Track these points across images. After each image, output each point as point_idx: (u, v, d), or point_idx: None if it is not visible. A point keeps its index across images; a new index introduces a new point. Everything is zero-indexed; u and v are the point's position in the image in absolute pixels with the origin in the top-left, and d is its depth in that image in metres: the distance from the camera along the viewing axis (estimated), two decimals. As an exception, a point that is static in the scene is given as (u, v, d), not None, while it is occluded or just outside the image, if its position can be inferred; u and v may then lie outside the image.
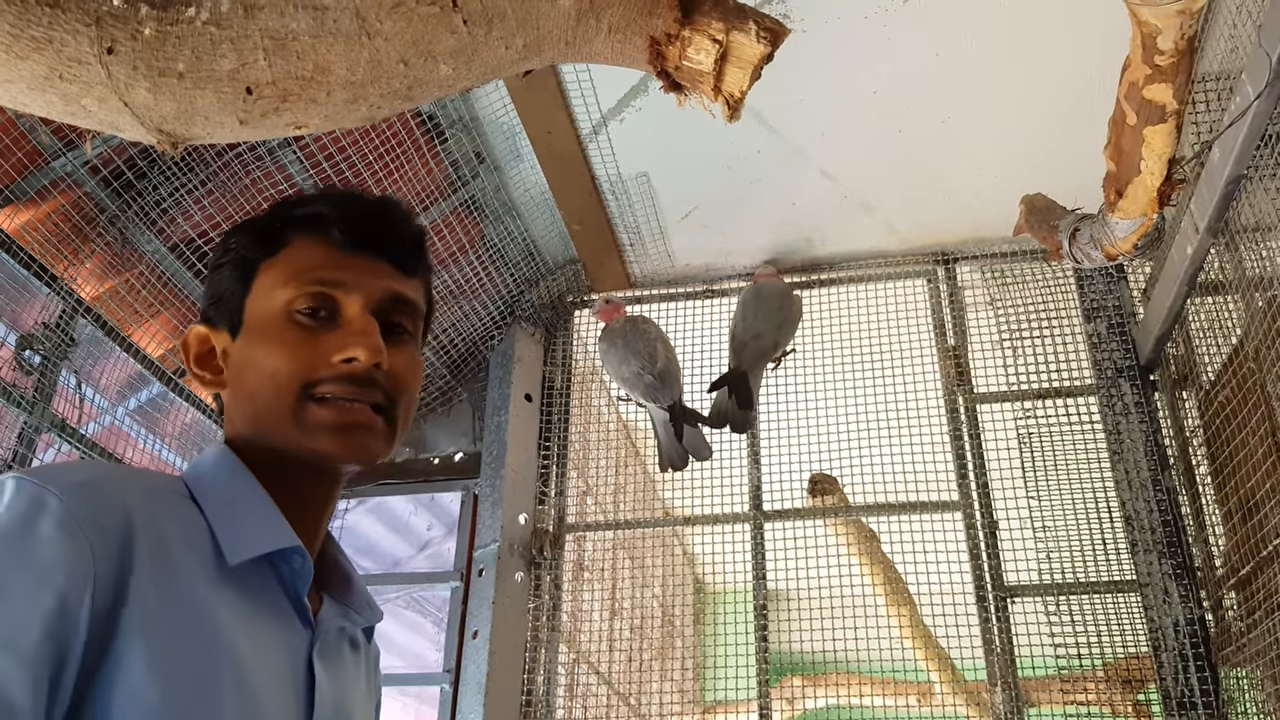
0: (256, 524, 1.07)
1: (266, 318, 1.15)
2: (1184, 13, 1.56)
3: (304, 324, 1.14)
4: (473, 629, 3.80)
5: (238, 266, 1.18)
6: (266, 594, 1.06)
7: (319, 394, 1.12)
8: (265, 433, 1.13)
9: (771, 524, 3.95)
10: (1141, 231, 2.34)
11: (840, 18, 3.15)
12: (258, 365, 1.13)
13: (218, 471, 1.11)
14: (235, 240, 1.20)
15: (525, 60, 1.20)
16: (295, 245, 1.17)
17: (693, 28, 1.14)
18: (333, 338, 1.13)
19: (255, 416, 1.14)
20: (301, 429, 1.11)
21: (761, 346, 3.90)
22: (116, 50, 1.09)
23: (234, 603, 1.01)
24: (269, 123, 1.16)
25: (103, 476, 0.99)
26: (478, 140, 3.68)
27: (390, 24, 1.10)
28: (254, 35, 1.09)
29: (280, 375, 1.11)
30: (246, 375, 1.14)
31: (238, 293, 1.17)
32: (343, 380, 1.12)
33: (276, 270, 1.16)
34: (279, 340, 1.13)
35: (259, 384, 1.13)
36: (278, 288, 1.15)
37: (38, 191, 2.74)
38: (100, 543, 0.91)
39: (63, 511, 0.90)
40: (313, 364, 1.12)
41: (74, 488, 0.93)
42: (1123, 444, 3.69)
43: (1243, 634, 3.07)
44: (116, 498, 0.96)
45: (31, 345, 2.70)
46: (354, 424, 1.12)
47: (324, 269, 1.16)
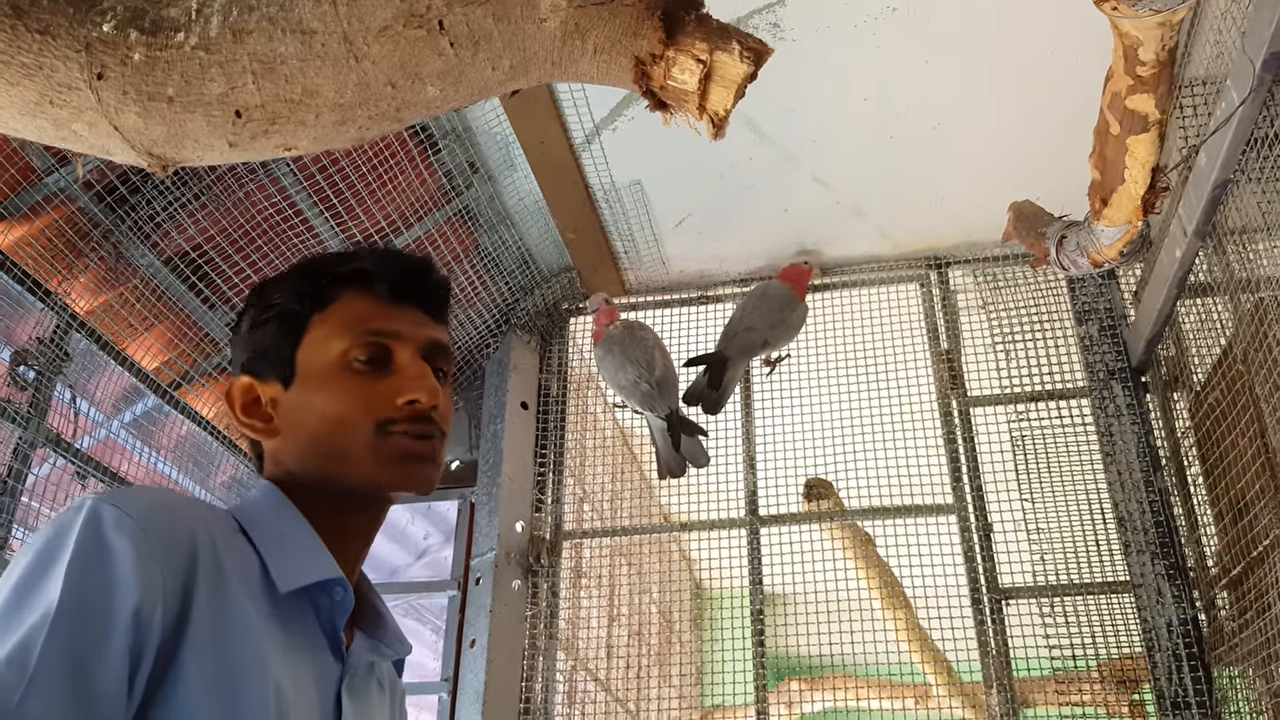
0: (304, 555, 1.16)
1: (324, 367, 1.24)
2: (1164, 24, 1.57)
3: (362, 371, 1.24)
4: (470, 638, 3.80)
5: (284, 321, 1.27)
6: (304, 626, 1.14)
7: (392, 430, 1.22)
8: (327, 470, 1.22)
9: (768, 529, 3.96)
10: (1127, 239, 2.35)
11: (830, 26, 3.17)
12: (320, 410, 1.22)
13: (267, 507, 1.20)
14: (276, 297, 1.29)
15: (512, 81, 1.21)
16: (344, 300, 1.27)
17: (677, 48, 1.15)
18: (392, 382, 1.24)
19: (316, 456, 1.22)
20: (378, 461, 1.21)
21: (750, 340, 3.91)
22: (106, 75, 1.10)
23: (277, 633, 1.08)
24: (258, 145, 1.17)
25: (172, 503, 1.07)
26: (471, 150, 3.69)
27: (377, 47, 1.11)
28: (242, 59, 1.11)
29: (348, 417, 1.21)
30: (306, 420, 1.23)
31: (287, 345, 1.26)
32: (409, 419, 1.23)
33: (329, 324, 1.26)
34: (341, 387, 1.23)
35: (323, 427, 1.22)
36: (333, 339, 1.24)
37: (31, 207, 2.75)
38: (168, 564, 1.00)
39: (136, 531, 0.98)
40: (379, 406, 1.22)
41: (146, 511, 1.02)
42: (1115, 446, 3.70)
43: (1235, 634, 3.08)
44: (183, 524, 1.05)
45: (26, 361, 2.70)
46: (421, 455, 1.23)
47: (376, 320, 1.26)
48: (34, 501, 2.74)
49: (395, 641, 1.28)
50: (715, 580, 5.89)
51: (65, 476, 2.88)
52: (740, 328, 3.94)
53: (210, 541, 1.06)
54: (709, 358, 3.85)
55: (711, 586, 6.05)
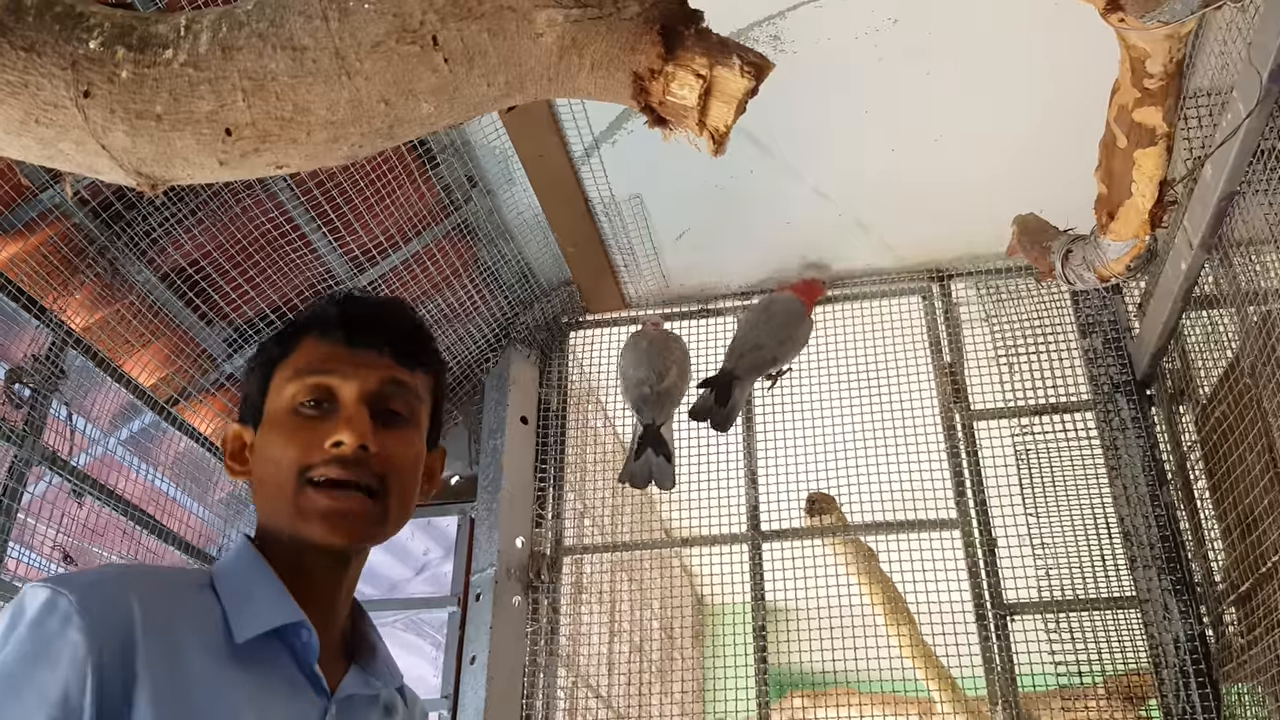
0: (263, 603, 1.17)
1: (277, 412, 1.27)
2: (1172, 37, 1.55)
3: (307, 415, 1.25)
4: (470, 654, 3.78)
5: (260, 368, 1.32)
6: (279, 668, 1.16)
7: (314, 477, 1.22)
8: (275, 518, 1.24)
9: (770, 544, 3.93)
10: (1134, 253, 2.33)
11: (831, 38, 3.15)
12: (268, 455, 1.25)
13: (236, 562, 1.23)
14: (261, 349, 1.35)
15: (508, 97, 1.19)
16: (304, 345, 1.29)
17: (676, 63, 1.12)
18: (327, 425, 1.24)
19: (268, 503, 1.25)
20: (299, 514, 1.22)
21: (759, 359, 3.89)
22: (93, 93, 1.08)
23: (243, 678, 1.11)
24: (249, 163, 1.15)
25: (111, 576, 1.12)
26: (469, 164, 3.67)
27: (370, 64, 1.08)
28: (232, 76, 1.08)
29: (283, 463, 1.23)
30: (261, 465, 1.26)
31: (258, 393, 1.30)
32: (332, 463, 1.22)
33: (287, 368, 1.28)
34: (283, 431, 1.25)
35: (269, 473, 1.25)
36: (286, 383, 1.27)
37: (25, 224, 2.73)
38: (104, 631, 1.02)
39: (68, 608, 1.02)
40: (309, 450, 1.22)
41: (84, 587, 1.05)
42: (1120, 459, 3.67)
43: (1244, 650, 3.05)
44: (118, 594, 1.07)
45: (21, 378, 2.68)
46: (343, 511, 1.22)
47: (323, 361, 1.27)
48: (30, 519, 2.72)
49: (385, 674, 1.30)
50: (717, 595, 5.86)
51: (61, 494, 2.86)
52: (748, 346, 3.91)
53: (153, 603, 1.09)
54: (717, 380, 3.83)
55: (713, 601, 6.01)
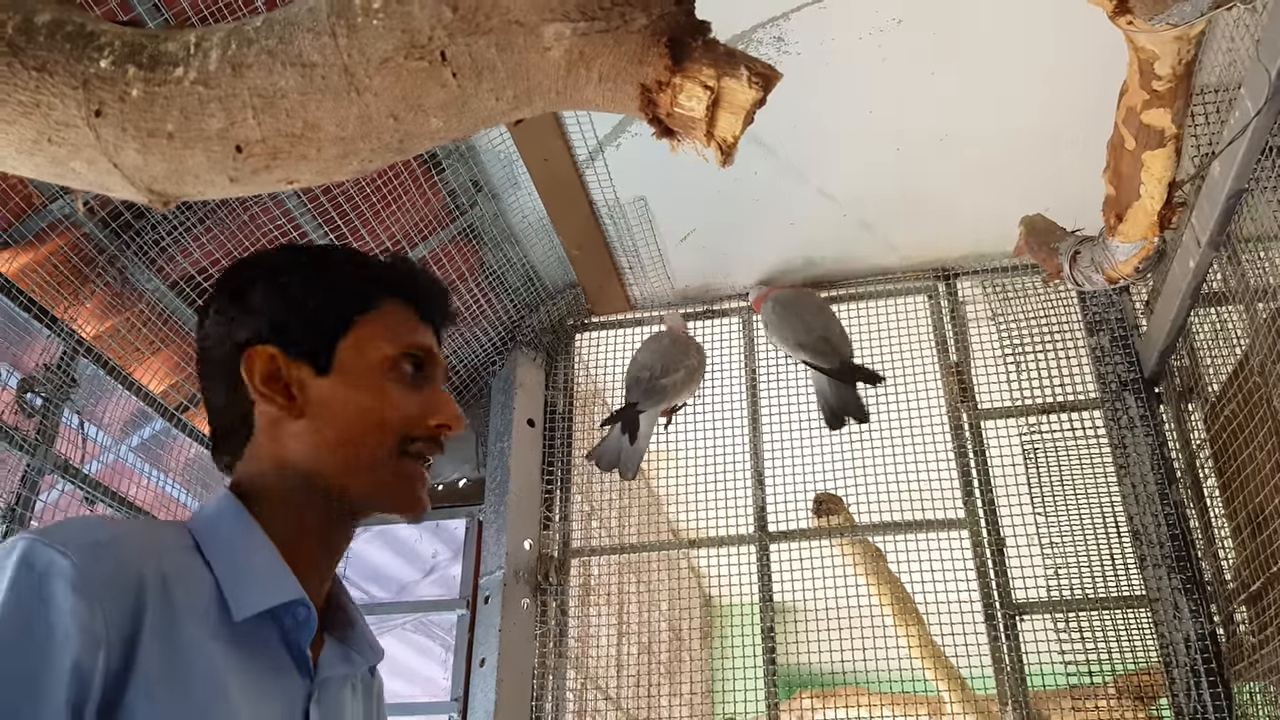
0: (262, 578, 1.09)
1: (368, 368, 1.21)
2: (1181, 39, 1.55)
3: (404, 380, 1.22)
4: (480, 657, 3.78)
5: (330, 312, 1.22)
6: (267, 647, 1.09)
7: (413, 450, 1.20)
8: (337, 471, 1.18)
9: (777, 545, 3.93)
10: (1143, 255, 2.33)
11: (835, 39, 3.15)
12: (359, 407, 1.19)
13: (225, 524, 1.14)
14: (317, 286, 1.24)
15: (516, 110, 1.19)
16: (388, 308, 1.25)
17: (683, 75, 1.12)
18: (426, 399, 1.23)
19: (336, 454, 1.18)
20: (393, 475, 1.19)
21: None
22: (105, 112, 1.08)
23: (236, 659, 1.03)
24: (260, 179, 1.15)
25: (115, 537, 1.01)
26: (475, 169, 3.68)
27: (379, 80, 1.09)
28: (242, 94, 1.09)
29: (387, 422, 1.19)
30: (341, 414, 1.19)
31: (329, 335, 1.21)
32: (432, 441, 1.22)
33: (375, 325, 1.23)
34: (384, 390, 1.20)
35: (359, 426, 1.19)
36: (379, 340, 1.22)
37: (36, 234, 2.74)
38: (113, 606, 0.93)
39: (75, 575, 0.92)
40: (413, 419, 1.20)
41: (87, 549, 0.95)
42: (1129, 458, 3.67)
43: (1255, 649, 3.05)
44: (129, 560, 0.98)
45: (33, 387, 2.69)
46: (424, 481, 1.23)
47: (418, 335, 1.26)
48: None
49: (367, 649, 1.25)
50: (725, 595, 5.86)
51: (74, 502, 2.87)
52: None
53: (159, 576, 1.00)
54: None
55: (721, 601, 6.02)
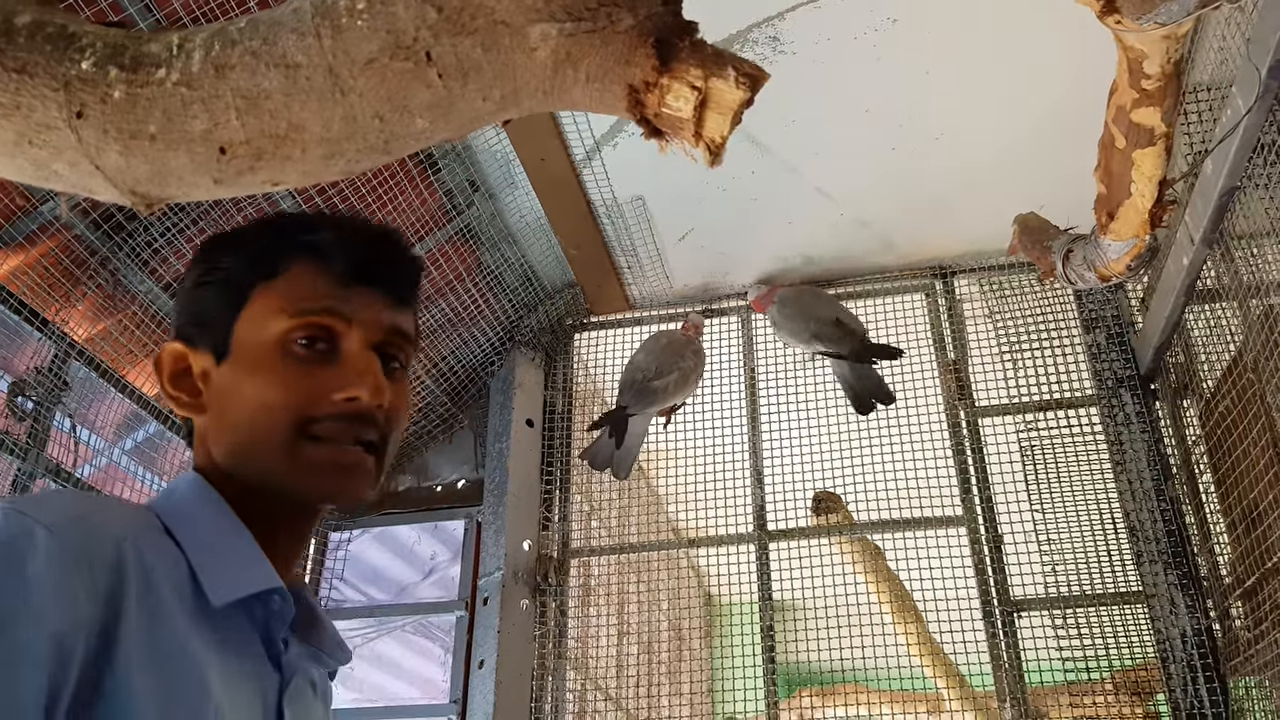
0: (238, 563, 1.03)
1: (260, 346, 1.10)
2: (1169, 38, 1.54)
3: (301, 356, 1.10)
4: (478, 658, 3.78)
5: (227, 287, 1.13)
6: (240, 635, 1.02)
7: (315, 432, 1.08)
8: (249, 465, 1.09)
9: (776, 543, 3.93)
10: (1134, 253, 2.32)
11: (830, 38, 3.14)
12: (248, 396, 1.09)
13: (195, 506, 1.06)
14: (223, 258, 1.16)
15: (503, 111, 1.19)
16: (294, 271, 1.13)
17: (671, 75, 1.12)
18: (332, 373, 1.10)
19: (239, 447, 1.09)
20: (294, 466, 1.07)
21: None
22: (86, 114, 1.08)
23: (212, 646, 0.97)
24: (244, 181, 1.14)
25: (93, 510, 0.95)
26: (471, 169, 3.67)
27: (364, 80, 1.08)
28: (225, 95, 1.08)
29: (276, 409, 1.07)
30: (233, 404, 1.10)
31: (226, 315, 1.12)
32: (341, 419, 1.09)
33: (273, 296, 1.12)
34: (274, 372, 1.09)
35: (248, 415, 1.08)
36: (273, 315, 1.10)
37: (26, 236, 2.73)
38: (93, 582, 0.87)
39: (57, 549, 0.86)
40: (311, 399, 1.08)
41: (65, 522, 0.89)
42: (1125, 454, 3.67)
43: (1251, 644, 3.05)
44: (108, 535, 0.92)
45: (24, 391, 2.68)
46: (347, 465, 1.09)
47: (324, 299, 1.12)
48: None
49: (336, 649, 1.17)
50: (725, 593, 5.86)
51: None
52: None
53: (138, 554, 0.93)
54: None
55: (721, 600, 6.02)
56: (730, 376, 4.30)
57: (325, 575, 4.25)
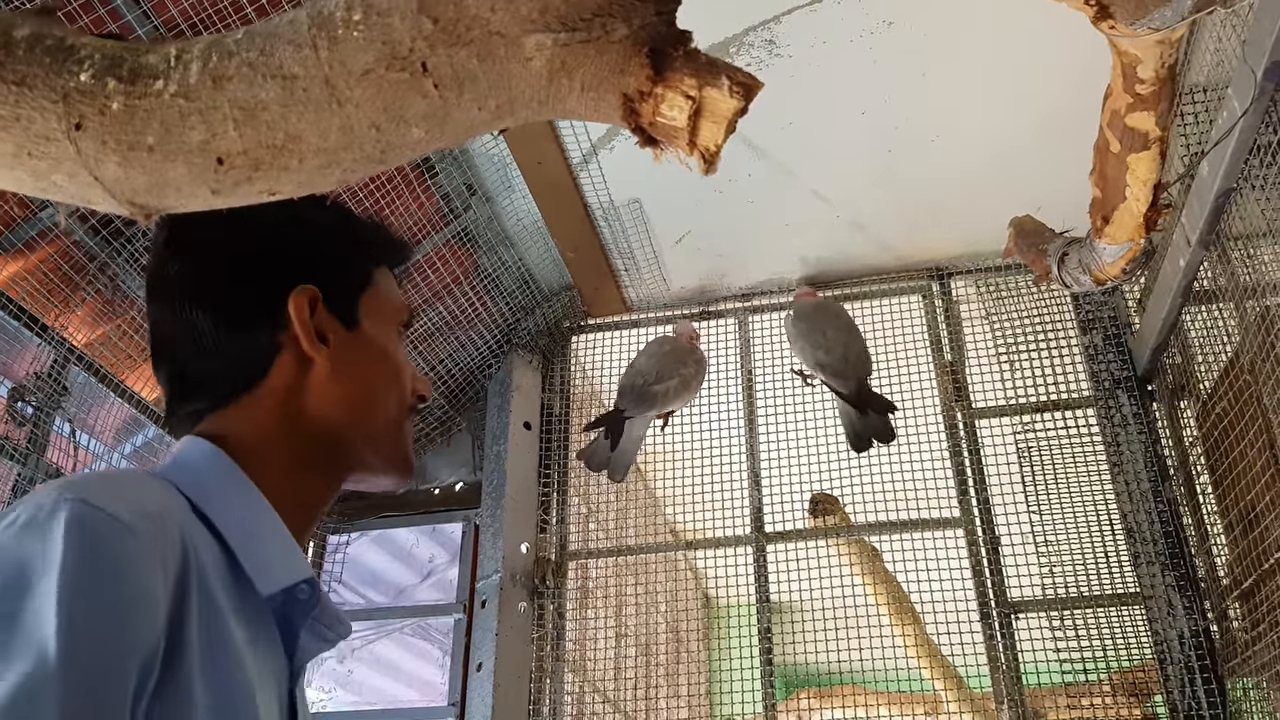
0: (276, 550, 1.02)
1: (384, 324, 1.19)
2: (1163, 42, 1.55)
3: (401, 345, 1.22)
4: (476, 661, 3.78)
5: (358, 263, 1.20)
6: (265, 624, 1.00)
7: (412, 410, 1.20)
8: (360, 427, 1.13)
9: (774, 545, 3.94)
10: (1129, 256, 2.33)
11: (826, 41, 3.15)
12: (383, 369, 1.17)
13: (224, 484, 1.03)
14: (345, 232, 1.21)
15: (499, 120, 1.20)
16: (386, 270, 1.24)
17: (665, 85, 1.13)
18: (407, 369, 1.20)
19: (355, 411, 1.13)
20: (401, 437, 1.17)
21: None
22: (85, 126, 1.08)
23: (247, 643, 0.95)
24: (242, 191, 1.15)
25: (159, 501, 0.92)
26: (468, 172, 3.68)
27: (360, 91, 1.09)
28: (223, 106, 1.09)
29: (401, 385, 1.18)
30: (363, 370, 1.15)
31: (355, 288, 1.18)
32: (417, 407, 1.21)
33: (387, 284, 1.22)
34: (397, 352, 1.19)
35: (379, 384, 1.16)
36: (389, 301, 1.20)
37: (26, 242, 2.74)
38: (167, 582, 0.84)
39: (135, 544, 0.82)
40: (411, 383, 1.20)
41: (140, 517, 0.85)
42: (1122, 455, 3.67)
43: (1248, 646, 3.05)
44: (174, 530, 0.89)
45: (24, 396, 2.69)
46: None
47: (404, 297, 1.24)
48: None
49: (336, 624, 1.11)
50: (723, 596, 5.87)
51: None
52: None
53: (194, 545, 0.90)
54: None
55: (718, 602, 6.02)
56: (727, 379, 4.30)
57: (324, 578, 4.26)
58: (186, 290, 1.14)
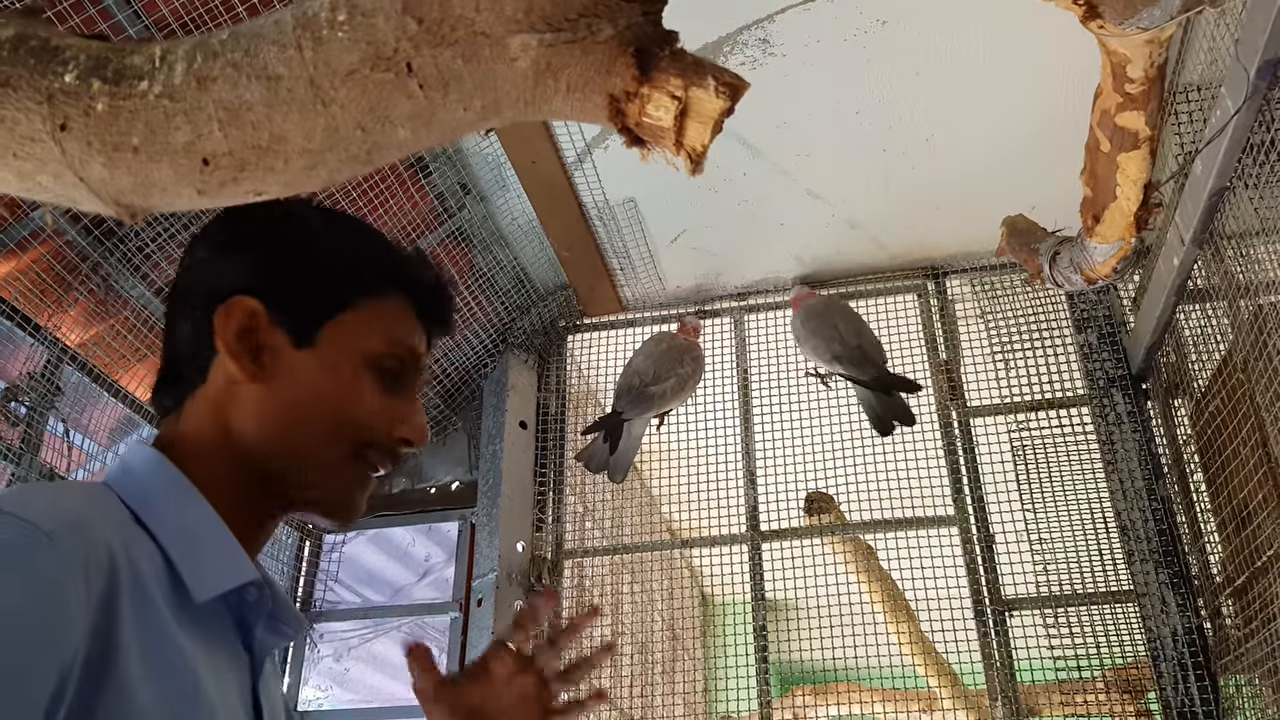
0: (217, 557, 1.01)
1: (352, 355, 1.13)
2: (1152, 42, 1.55)
3: (382, 382, 1.14)
4: (472, 659, 3.77)
5: (330, 286, 1.16)
6: (219, 626, 1.02)
7: (369, 455, 1.12)
8: (288, 453, 1.09)
9: (769, 544, 3.94)
10: (1120, 255, 2.33)
11: (820, 40, 3.15)
12: (328, 394, 1.11)
13: (163, 490, 1.03)
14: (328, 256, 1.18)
15: (485, 120, 1.19)
16: (391, 299, 1.18)
17: (651, 85, 1.13)
18: (397, 408, 1.14)
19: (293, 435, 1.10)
20: (334, 474, 1.11)
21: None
22: (69, 127, 1.08)
23: (199, 644, 0.96)
24: (227, 192, 1.15)
25: (81, 509, 0.92)
26: (463, 172, 3.68)
27: (345, 91, 1.09)
28: (208, 107, 1.09)
29: (348, 418, 1.11)
30: (303, 393, 1.11)
31: (320, 310, 1.14)
32: (389, 455, 1.14)
33: (372, 314, 1.16)
34: (360, 384, 1.13)
35: (317, 412, 1.11)
36: (370, 332, 1.15)
37: (17, 242, 2.73)
38: (89, 590, 0.84)
39: (57, 557, 0.82)
40: (377, 425, 1.13)
41: (63, 527, 0.85)
42: (1116, 454, 3.67)
43: (1241, 642, 3.06)
44: (101, 537, 0.89)
45: (17, 396, 2.69)
46: (366, 490, 1.14)
47: (412, 338, 1.18)
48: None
49: (293, 620, 1.12)
50: (719, 594, 5.87)
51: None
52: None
53: (127, 555, 0.90)
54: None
55: (715, 600, 6.03)
56: (723, 378, 4.30)
57: (320, 577, 4.26)
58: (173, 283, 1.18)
